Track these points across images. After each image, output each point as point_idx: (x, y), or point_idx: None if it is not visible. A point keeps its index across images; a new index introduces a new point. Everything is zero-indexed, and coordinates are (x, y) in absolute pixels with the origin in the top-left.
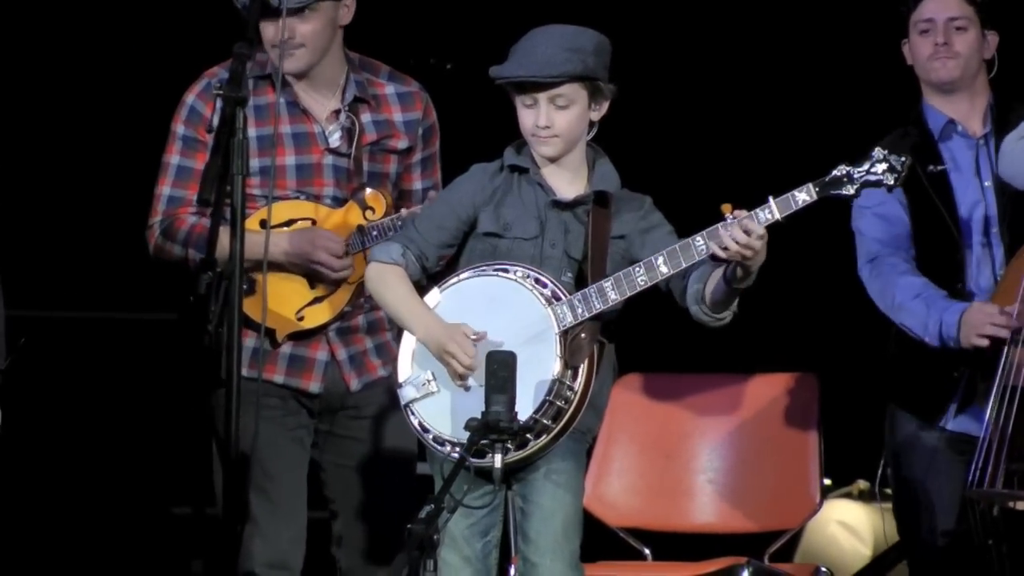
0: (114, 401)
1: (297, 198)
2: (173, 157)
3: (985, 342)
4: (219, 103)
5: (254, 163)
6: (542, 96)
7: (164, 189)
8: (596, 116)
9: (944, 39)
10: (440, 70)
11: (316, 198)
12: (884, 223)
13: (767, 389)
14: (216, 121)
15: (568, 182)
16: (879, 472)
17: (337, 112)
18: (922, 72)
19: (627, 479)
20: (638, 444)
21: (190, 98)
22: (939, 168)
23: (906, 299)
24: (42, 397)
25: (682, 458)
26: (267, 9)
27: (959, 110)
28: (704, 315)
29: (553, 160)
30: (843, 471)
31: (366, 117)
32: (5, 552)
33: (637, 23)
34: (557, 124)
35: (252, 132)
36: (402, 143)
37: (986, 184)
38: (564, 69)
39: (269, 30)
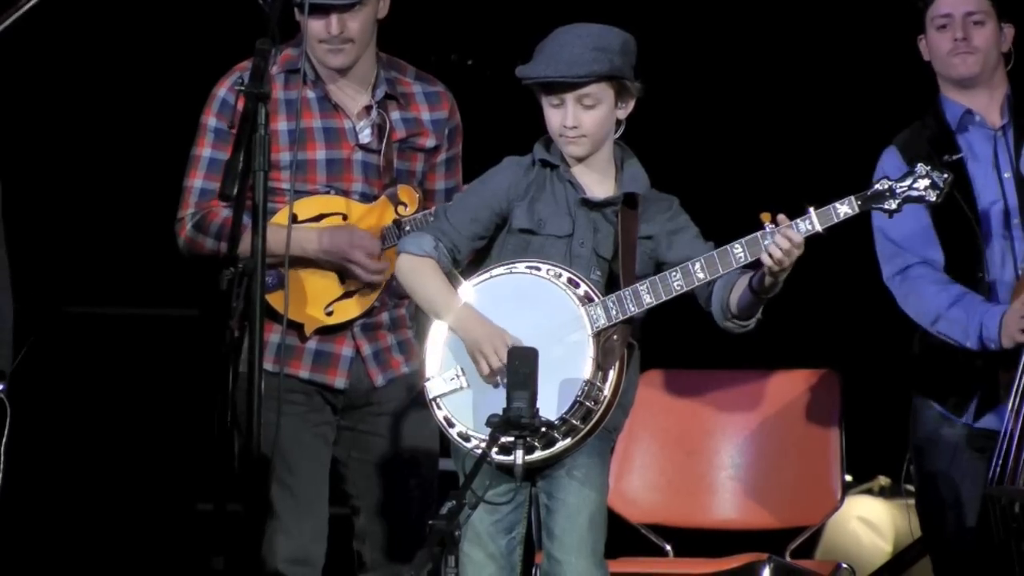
0: (136, 397)
1: (327, 192)
2: (204, 149)
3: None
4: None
5: (284, 156)
6: (569, 96)
7: (195, 182)
8: (623, 115)
9: (963, 34)
10: (461, 67)
11: (345, 193)
12: (904, 218)
13: (789, 386)
14: None
15: (597, 182)
16: (904, 468)
17: (368, 108)
18: (941, 68)
19: (648, 475)
20: (660, 441)
21: (221, 91)
22: (956, 157)
23: (943, 308)
24: (62, 393)
25: (703, 454)
26: (316, 6)
27: (978, 103)
28: (729, 322)
29: (581, 160)
30: (864, 467)
31: (395, 115)
32: (26, 550)
33: (662, 23)
34: (584, 124)
35: (283, 126)
36: (430, 142)
37: (1005, 175)
38: (591, 69)
39: (318, 26)
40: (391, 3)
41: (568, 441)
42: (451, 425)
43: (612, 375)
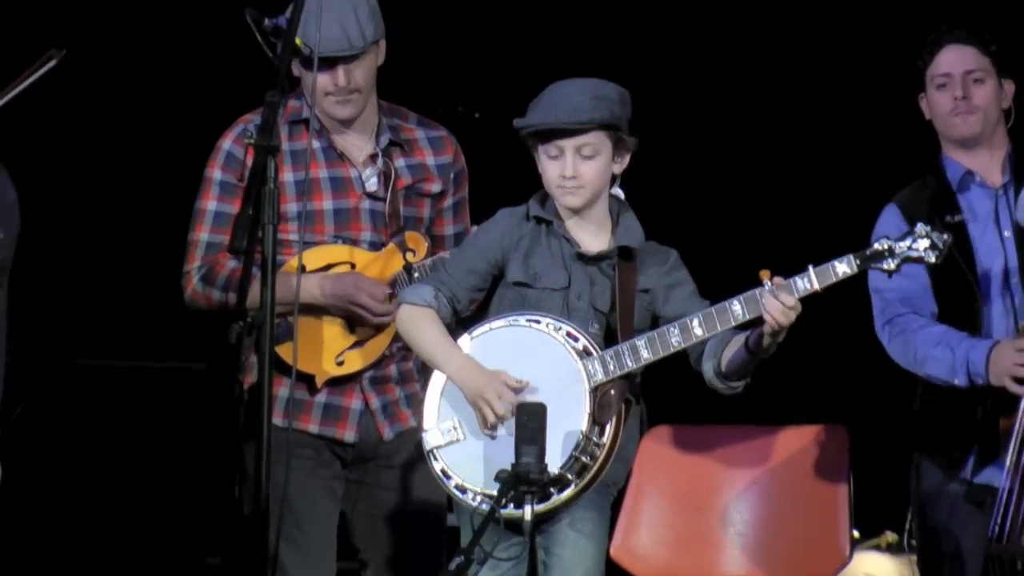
0: (144, 451)
1: (335, 242)
2: (210, 203)
3: (1014, 386)
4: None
5: (292, 207)
6: (568, 145)
7: (201, 235)
8: (618, 169)
9: (963, 93)
10: (467, 118)
11: (353, 242)
12: (900, 278)
13: (797, 441)
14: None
15: (592, 235)
16: (907, 524)
17: (373, 156)
18: (942, 127)
19: (656, 531)
20: (668, 496)
21: (226, 143)
22: (957, 218)
23: (928, 349)
24: (69, 445)
25: (712, 510)
26: (322, 58)
27: (978, 162)
28: (719, 382)
29: (577, 212)
30: (871, 523)
31: (400, 161)
32: None
33: (664, 78)
34: (583, 174)
35: (289, 176)
36: (436, 187)
37: (1006, 234)
38: (592, 116)
39: (324, 78)
40: (397, 55)
41: (565, 494)
42: (448, 477)
43: (609, 430)
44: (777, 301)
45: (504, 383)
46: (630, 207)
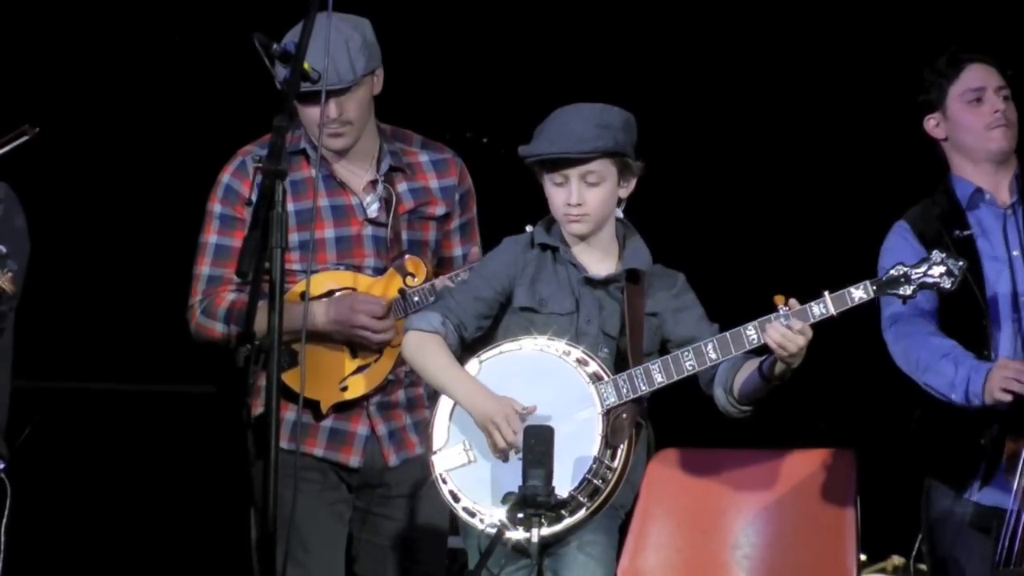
0: (154, 474)
1: (337, 268)
2: (211, 236)
3: (1008, 397)
4: (257, 179)
5: (293, 237)
6: (573, 173)
7: (203, 269)
8: (624, 193)
9: (1001, 106)
10: (476, 144)
11: (357, 268)
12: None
13: (804, 465)
14: (254, 198)
15: (599, 260)
16: (915, 548)
17: (374, 183)
18: (975, 142)
19: (663, 554)
20: (675, 519)
21: (225, 177)
22: (966, 233)
23: (933, 359)
24: (76, 470)
25: (718, 534)
26: (311, 91)
27: (988, 181)
28: (731, 406)
29: (583, 239)
30: (878, 546)
31: (402, 186)
32: None
33: (672, 101)
34: (589, 202)
35: (290, 207)
36: (439, 209)
37: (1014, 253)
38: (596, 145)
39: (315, 111)
40: (406, 81)
41: (574, 518)
42: (457, 500)
43: (621, 453)
44: (779, 330)
45: (513, 408)
46: (636, 230)
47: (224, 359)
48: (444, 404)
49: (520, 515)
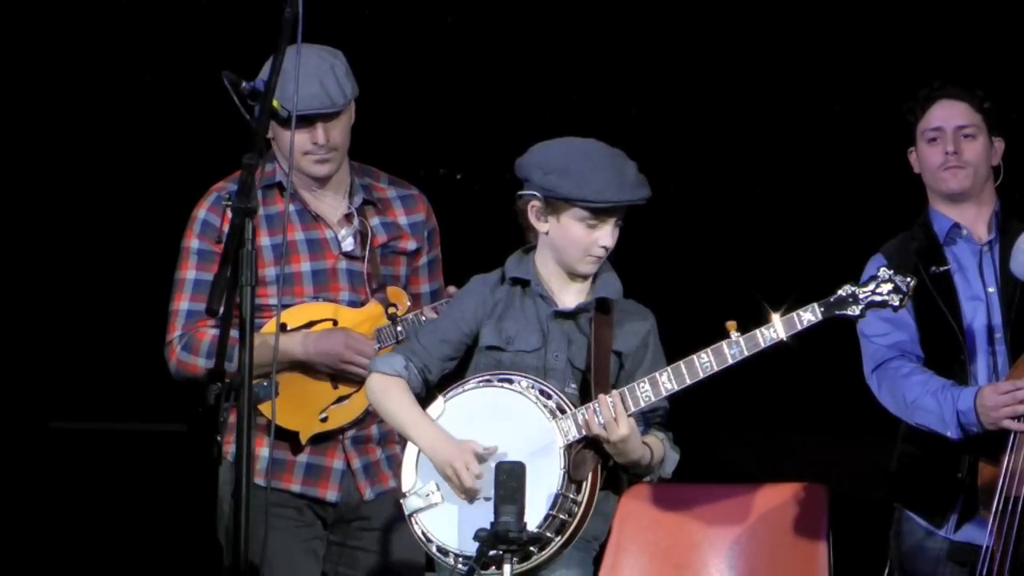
0: (123, 514)
1: (315, 300)
2: (188, 272)
3: (1015, 424)
4: (230, 214)
5: (269, 272)
6: (613, 218)
7: (182, 304)
8: None
9: (954, 148)
10: (449, 180)
11: (333, 302)
12: (890, 327)
13: (775, 499)
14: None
15: (575, 292)
16: None
17: (348, 216)
18: (932, 181)
19: None
20: (648, 554)
21: (201, 212)
22: (943, 269)
23: (917, 397)
24: (48, 509)
25: (692, 568)
26: (301, 116)
27: (966, 216)
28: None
29: (586, 278)
30: None
31: (375, 220)
32: None
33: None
34: (612, 245)
35: (266, 241)
36: (411, 244)
37: (990, 290)
38: (647, 194)
39: (303, 137)
40: (379, 117)
41: (546, 553)
42: (429, 541)
43: (586, 487)
44: (593, 423)
45: (473, 452)
46: (610, 264)
47: (194, 397)
48: (412, 446)
49: (492, 552)
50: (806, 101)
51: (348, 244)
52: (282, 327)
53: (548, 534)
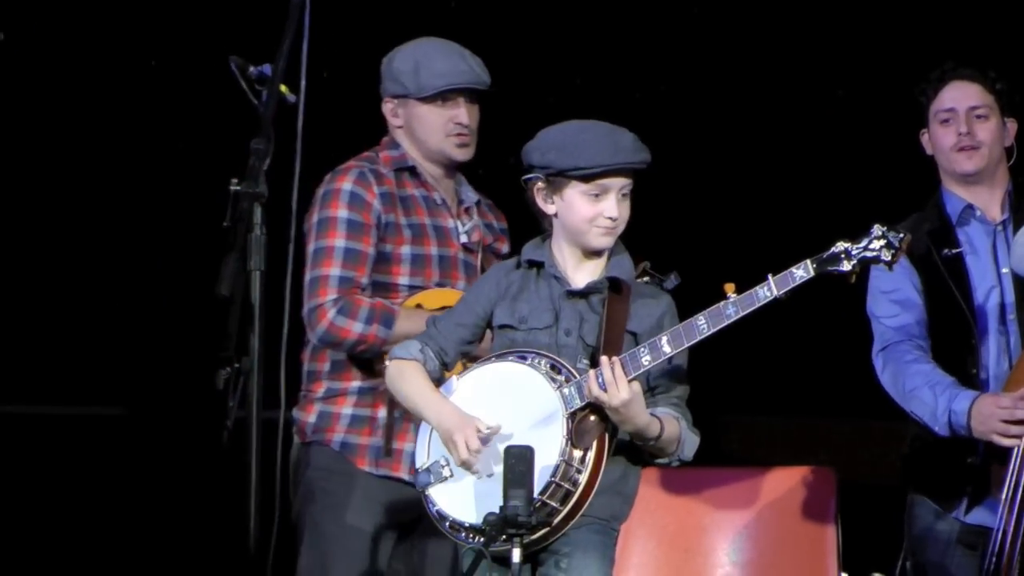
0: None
1: (442, 286)
2: (338, 240)
3: (1008, 441)
4: (377, 188)
5: (405, 250)
6: (615, 186)
7: (332, 270)
8: None
9: (967, 128)
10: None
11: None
12: (899, 308)
13: (784, 483)
14: (378, 206)
15: (589, 272)
16: (899, 565)
17: (467, 209)
18: (945, 163)
19: (646, 573)
20: (656, 538)
21: (347, 185)
22: (955, 252)
23: (916, 386)
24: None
25: (700, 552)
26: (447, 94)
27: (979, 197)
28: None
29: (599, 253)
30: (859, 564)
31: (480, 220)
32: None
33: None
34: (622, 216)
35: (403, 220)
36: (505, 248)
37: (1003, 271)
38: (646, 157)
39: (443, 116)
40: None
41: (552, 522)
42: (443, 518)
43: (591, 456)
44: (594, 386)
45: (475, 428)
46: (623, 245)
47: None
48: (426, 425)
49: (502, 536)
50: (816, 83)
51: (464, 236)
52: (418, 305)
53: (552, 503)
